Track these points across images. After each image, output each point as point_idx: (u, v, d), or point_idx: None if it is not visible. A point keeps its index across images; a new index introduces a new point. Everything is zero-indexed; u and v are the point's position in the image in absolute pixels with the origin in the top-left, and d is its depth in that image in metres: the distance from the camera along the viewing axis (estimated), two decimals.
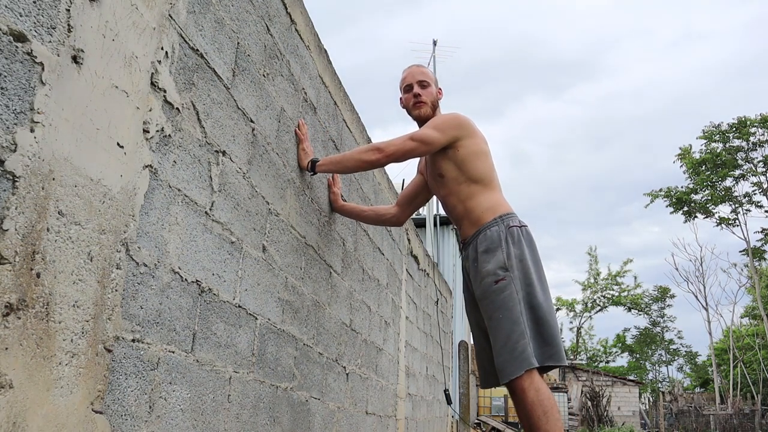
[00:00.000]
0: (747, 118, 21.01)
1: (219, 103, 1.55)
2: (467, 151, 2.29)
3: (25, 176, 0.89)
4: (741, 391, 25.73)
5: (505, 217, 2.22)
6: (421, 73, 2.51)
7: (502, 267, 2.11)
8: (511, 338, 2.03)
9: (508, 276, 2.09)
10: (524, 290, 2.08)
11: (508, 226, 2.19)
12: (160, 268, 1.26)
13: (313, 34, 2.35)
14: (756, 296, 24.01)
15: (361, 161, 2.24)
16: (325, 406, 2.40)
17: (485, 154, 2.33)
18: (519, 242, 2.15)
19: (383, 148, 2.23)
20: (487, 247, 2.17)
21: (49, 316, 0.94)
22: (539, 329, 2.06)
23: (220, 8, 1.56)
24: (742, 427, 16.55)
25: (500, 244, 2.15)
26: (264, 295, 1.81)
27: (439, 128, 2.28)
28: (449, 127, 2.29)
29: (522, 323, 2.04)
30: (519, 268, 2.11)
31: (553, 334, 2.07)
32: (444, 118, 2.35)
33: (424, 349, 5.25)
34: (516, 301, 2.06)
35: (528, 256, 2.14)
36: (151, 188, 1.24)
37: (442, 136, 2.26)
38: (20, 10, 0.89)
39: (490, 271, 2.13)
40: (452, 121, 2.32)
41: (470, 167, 2.28)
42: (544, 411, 1.97)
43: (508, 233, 2.17)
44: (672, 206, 24.18)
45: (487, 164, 2.32)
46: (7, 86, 0.87)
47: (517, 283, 2.08)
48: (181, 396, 1.34)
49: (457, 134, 2.28)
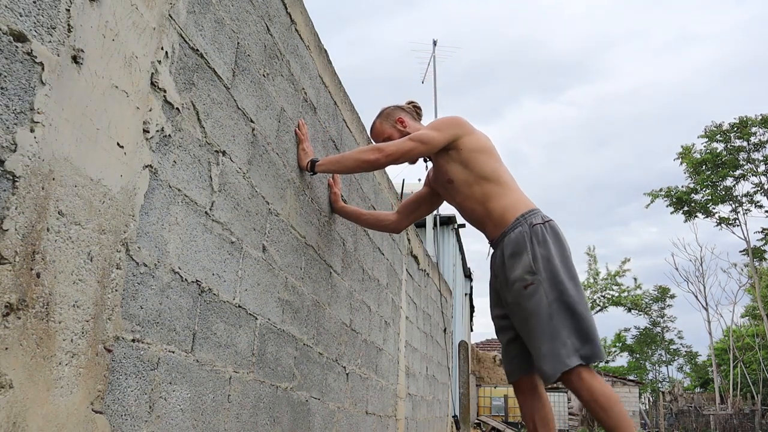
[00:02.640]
0: (748, 117, 21.00)
1: (219, 103, 1.55)
2: (469, 148, 2.27)
3: (25, 176, 0.89)
4: (741, 391, 25.73)
5: (527, 215, 2.17)
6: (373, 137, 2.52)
7: (530, 271, 2.07)
8: (545, 343, 2.00)
9: (536, 279, 2.05)
10: (555, 290, 2.03)
11: (532, 224, 2.13)
12: (160, 268, 1.26)
13: (313, 34, 2.35)
14: (756, 296, 24.00)
15: (361, 161, 2.24)
16: (325, 406, 2.40)
17: (489, 150, 2.30)
18: (544, 241, 2.10)
19: (383, 148, 2.23)
20: (512, 251, 2.13)
21: (49, 316, 0.94)
22: (578, 326, 2.02)
23: (220, 8, 1.56)
24: (742, 427, 16.55)
25: (525, 246, 2.10)
26: (264, 295, 1.81)
27: (437, 128, 2.28)
28: (447, 126, 2.28)
29: (555, 326, 2.00)
30: (547, 269, 2.06)
31: (591, 329, 2.03)
32: (442, 119, 2.35)
33: (424, 349, 5.25)
34: (546, 304, 2.02)
35: (555, 254, 2.08)
36: (151, 188, 1.24)
37: (441, 135, 2.25)
38: (20, 10, 0.89)
39: (518, 276, 2.09)
40: (450, 121, 2.31)
41: (477, 165, 2.26)
42: (603, 408, 1.95)
43: (533, 233, 2.11)
44: (672, 206, 24.18)
45: (494, 160, 2.28)
46: (7, 86, 0.87)
47: (546, 285, 2.04)
48: (181, 396, 1.34)
49: (455, 132, 2.27)
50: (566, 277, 2.06)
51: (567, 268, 2.09)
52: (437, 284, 6.02)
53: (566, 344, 1.98)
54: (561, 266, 2.07)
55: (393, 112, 2.49)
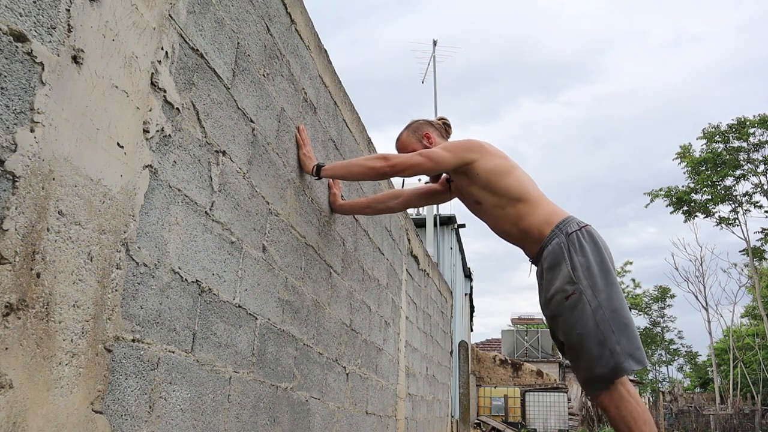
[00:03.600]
0: (746, 118, 21.00)
1: (219, 103, 1.55)
2: (485, 171, 2.22)
3: (25, 176, 0.89)
4: (741, 391, 25.72)
5: (562, 225, 2.14)
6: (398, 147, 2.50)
7: (570, 281, 2.04)
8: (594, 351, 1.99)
9: (577, 289, 2.03)
10: (598, 298, 2.01)
11: (567, 233, 2.11)
12: (160, 268, 1.26)
13: (313, 34, 2.35)
14: (756, 296, 24.01)
15: (367, 168, 2.21)
16: (325, 406, 2.40)
17: (508, 169, 2.25)
18: (581, 248, 2.08)
19: (390, 157, 2.21)
20: (551, 263, 2.11)
21: (49, 316, 0.94)
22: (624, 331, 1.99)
23: (220, 8, 1.56)
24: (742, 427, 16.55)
25: (563, 256, 2.07)
26: (264, 295, 1.81)
27: (449, 149, 2.25)
28: (459, 149, 2.25)
29: (601, 333, 1.98)
30: (587, 277, 2.03)
31: (635, 334, 2.02)
32: (456, 141, 2.32)
33: (424, 349, 5.25)
34: (590, 312, 2.00)
35: (593, 260, 2.06)
36: (151, 188, 1.24)
37: (451, 157, 2.22)
38: (20, 10, 0.89)
39: (558, 288, 2.06)
40: (463, 144, 2.28)
41: (501, 188, 2.22)
42: (629, 427, 1.93)
43: (569, 242, 2.09)
44: (672, 206, 24.18)
45: (515, 179, 2.23)
46: (7, 86, 0.87)
47: (588, 293, 2.01)
48: (181, 396, 1.34)
49: (467, 157, 2.23)
50: (607, 283, 2.04)
51: (606, 273, 2.06)
52: (437, 284, 6.02)
53: (615, 351, 1.96)
54: (600, 274, 2.04)
55: (421, 127, 2.47)
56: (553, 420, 15.84)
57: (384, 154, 2.25)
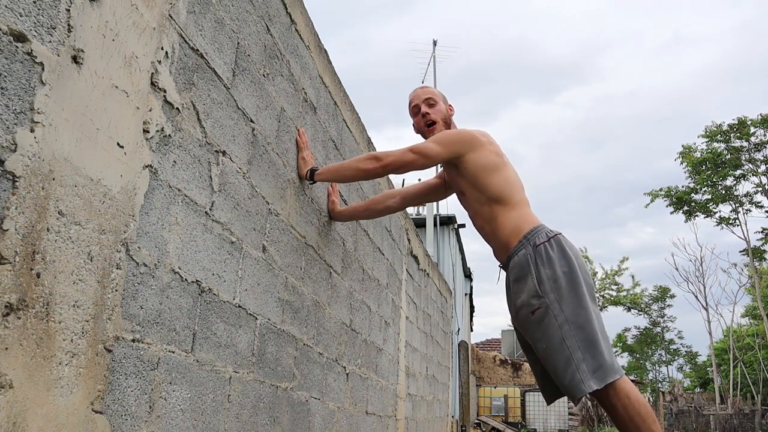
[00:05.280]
0: (747, 118, 21.00)
1: (219, 103, 1.55)
2: (474, 166, 2.19)
3: (25, 176, 0.89)
4: (741, 391, 25.71)
5: (530, 236, 2.07)
6: (427, 93, 2.46)
7: (535, 295, 1.98)
8: (559, 367, 1.94)
9: (543, 302, 1.97)
10: (565, 312, 1.94)
11: (535, 245, 2.03)
12: (160, 268, 1.26)
13: (313, 34, 2.34)
14: (756, 296, 24.00)
15: (359, 170, 2.19)
16: (325, 406, 2.40)
17: (498, 167, 2.20)
18: (548, 260, 2.00)
19: (381, 157, 2.18)
20: (517, 275, 2.05)
21: (49, 316, 0.94)
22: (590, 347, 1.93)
23: (220, 8, 1.56)
24: (742, 427, 16.55)
25: (529, 269, 2.01)
26: (264, 295, 1.81)
27: (440, 142, 2.20)
28: (450, 141, 2.21)
29: (566, 349, 1.93)
30: (554, 290, 1.96)
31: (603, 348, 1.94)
32: (447, 132, 2.28)
33: (424, 349, 5.25)
34: (556, 327, 1.94)
35: (560, 272, 1.98)
36: (151, 188, 1.24)
37: (443, 150, 2.18)
38: (20, 10, 0.89)
39: (524, 302, 2.01)
40: (454, 136, 2.24)
41: (484, 184, 2.18)
42: (636, 425, 1.88)
43: (536, 254, 2.02)
44: (672, 206, 24.17)
45: (501, 178, 2.18)
46: (7, 86, 0.87)
47: (554, 307, 1.95)
48: (181, 396, 1.34)
49: (458, 150, 2.19)
50: (575, 296, 1.97)
51: (574, 285, 1.98)
52: (437, 284, 6.02)
53: (580, 368, 1.91)
54: (567, 285, 1.97)
55: (445, 98, 2.52)
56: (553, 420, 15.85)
57: (376, 153, 2.22)
